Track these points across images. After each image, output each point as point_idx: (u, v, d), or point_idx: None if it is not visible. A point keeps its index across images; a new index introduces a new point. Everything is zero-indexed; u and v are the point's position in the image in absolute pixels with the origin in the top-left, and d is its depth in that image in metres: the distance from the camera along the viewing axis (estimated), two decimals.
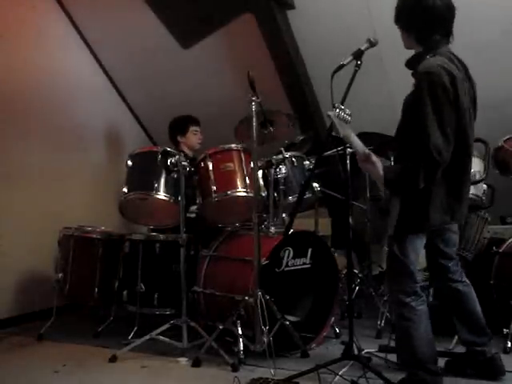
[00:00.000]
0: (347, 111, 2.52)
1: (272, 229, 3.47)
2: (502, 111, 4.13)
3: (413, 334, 2.51)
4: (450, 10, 2.49)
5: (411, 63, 2.57)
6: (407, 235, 2.50)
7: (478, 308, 2.78)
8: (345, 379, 2.71)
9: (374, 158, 2.43)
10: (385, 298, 3.81)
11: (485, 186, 3.45)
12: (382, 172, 2.42)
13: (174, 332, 3.29)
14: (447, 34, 2.53)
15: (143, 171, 3.50)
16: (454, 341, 3.10)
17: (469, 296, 2.77)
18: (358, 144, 2.47)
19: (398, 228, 2.50)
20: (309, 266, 3.46)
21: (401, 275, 2.54)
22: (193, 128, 4.35)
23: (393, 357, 2.88)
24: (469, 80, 2.56)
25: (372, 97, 4.17)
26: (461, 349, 2.94)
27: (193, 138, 4.35)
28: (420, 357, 2.51)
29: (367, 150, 2.45)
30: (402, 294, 2.53)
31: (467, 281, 2.80)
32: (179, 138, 4.34)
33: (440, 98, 2.34)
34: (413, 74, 2.53)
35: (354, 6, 3.96)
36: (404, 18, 2.53)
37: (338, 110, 2.50)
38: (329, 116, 2.49)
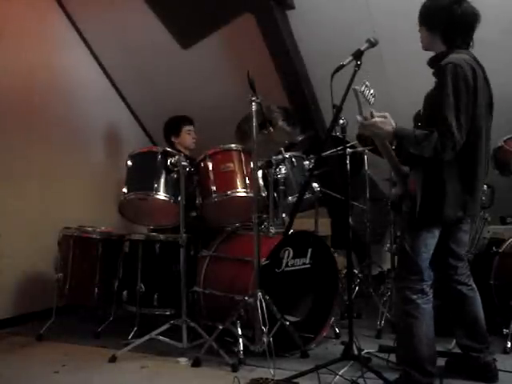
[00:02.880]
0: (372, 91, 2.50)
1: (272, 229, 3.47)
2: (502, 111, 4.12)
3: (415, 332, 2.52)
4: (476, 17, 2.57)
5: (434, 61, 2.60)
6: (421, 231, 2.51)
7: (481, 315, 2.76)
8: (345, 379, 2.71)
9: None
10: (385, 298, 3.82)
11: (485, 185, 3.44)
12: (393, 125, 2.44)
13: (174, 332, 3.29)
14: (470, 38, 2.61)
15: (143, 171, 3.50)
16: (454, 341, 3.10)
17: (473, 301, 2.75)
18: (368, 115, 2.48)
19: (412, 222, 2.52)
20: (309, 266, 3.46)
21: (410, 272, 2.55)
22: (186, 128, 4.34)
23: (392, 357, 2.89)
24: (485, 80, 2.60)
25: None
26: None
27: (187, 137, 4.34)
28: (418, 356, 2.52)
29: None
30: (408, 291, 2.54)
31: (473, 285, 2.78)
32: (173, 139, 4.33)
33: (461, 87, 2.41)
34: (433, 73, 2.56)
35: (354, 6, 3.96)
36: (431, 18, 2.58)
37: (364, 87, 2.46)
38: (354, 90, 2.45)
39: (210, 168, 3.45)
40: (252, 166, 3.27)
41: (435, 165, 2.46)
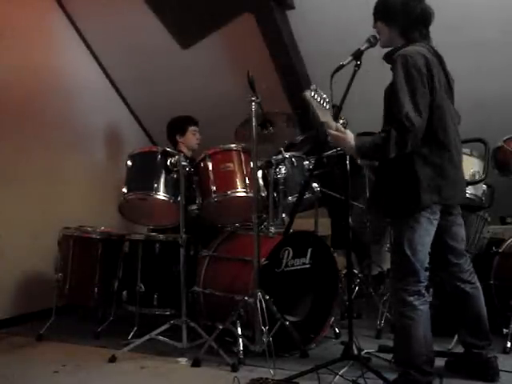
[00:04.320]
0: (324, 95, 2.52)
1: (272, 229, 3.47)
2: (502, 111, 4.13)
3: (412, 333, 2.52)
4: (432, 14, 2.64)
5: (390, 56, 2.64)
6: (417, 224, 2.51)
7: (484, 313, 2.75)
8: (345, 379, 2.71)
9: (344, 130, 2.54)
10: (385, 298, 3.81)
11: (485, 186, 3.45)
12: (353, 142, 2.49)
13: (174, 332, 3.29)
14: (427, 31, 2.65)
15: (143, 171, 3.50)
16: (454, 341, 3.10)
17: (476, 300, 2.74)
18: (330, 119, 2.53)
19: (389, 212, 2.61)
20: (308, 266, 3.46)
21: (406, 273, 2.54)
22: (192, 128, 4.36)
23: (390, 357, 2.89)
24: (443, 70, 2.63)
25: (372, 97, 4.16)
26: (460, 349, 2.93)
27: (192, 138, 4.36)
28: (416, 357, 2.52)
29: (338, 124, 2.55)
30: (404, 293, 2.54)
31: (477, 284, 2.76)
32: (178, 138, 4.34)
33: (413, 74, 2.45)
34: (391, 69, 2.59)
35: (354, 6, 3.95)
36: (390, 14, 2.63)
37: (312, 92, 2.49)
38: (303, 95, 2.50)
39: (210, 168, 3.45)
40: (252, 165, 3.27)
41: (405, 155, 2.47)
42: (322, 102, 2.50)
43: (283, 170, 3.59)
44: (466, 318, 2.78)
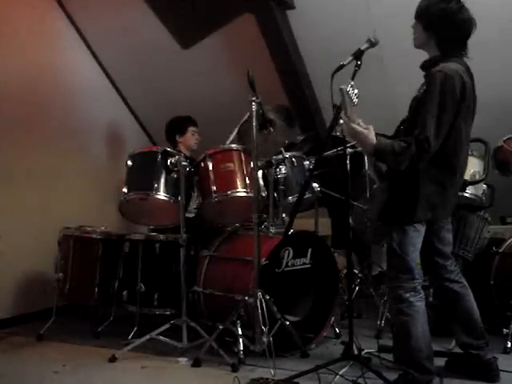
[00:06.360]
0: (356, 91, 2.53)
1: (272, 229, 3.47)
2: (502, 111, 4.13)
3: (410, 330, 2.54)
4: (473, 25, 2.57)
5: (426, 66, 2.62)
6: (406, 229, 2.56)
7: (476, 311, 2.78)
8: (345, 379, 2.71)
9: (367, 126, 2.53)
10: (385, 298, 3.81)
11: (485, 186, 3.45)
12: (374, 141, 2.48)
13: (174, 332, 3.29)
14: (465, 46, 2.61)
15: (143, 171, 3.50)
16: (454, 341, 3.10)
17: (465, 298, 2.78)
18: (355, 116, 2.54)
19: (382, 217, 2.66)
20: (309, 266, 3.46)
21: (400, 271, 2.58)
22: (191, 128, 4.37)
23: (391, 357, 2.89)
24: (473, 87, 2.62)
25: (372, 96, 4.17)
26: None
27: (191, 138, 4.37)
28: (416, 353, 2.54)
29: (360, 120, 2.55)
30: (401, 290, 2.57)
31: (465, 282, 2.80)
32: (177, 138, 4.35)
33: (447, 99, 2.45)
34: (425, 76, 2.59)
35: (354, 6, 3.96)
36: (430, 19, 2.57)
37: (350, 87, 2.50)
38: (341, 90, 2.49)
39: (210, 168, 3.45)
40: (252, 165, 3.27)
41: (412, 168, 2.50)
42: (353, 98, 2.52)
43: (283, 170, 3.59)
44: (458, 317, 2.80)
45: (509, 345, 3.13)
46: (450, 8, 2.52)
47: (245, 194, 3.41)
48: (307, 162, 3.73)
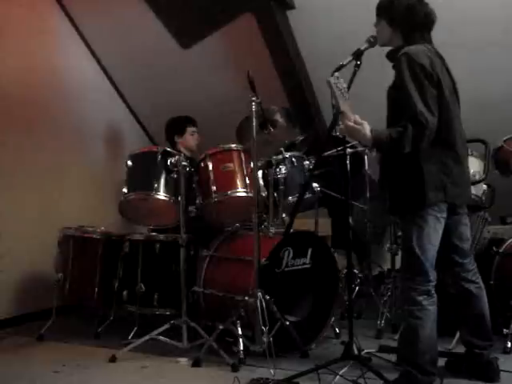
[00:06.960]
0: (344, 84, 2.51)
1: (272, 229, 3.47)
2: (502, 111, 4.13)
3: (419, 333, 2.52)
4: (435, 18, 2.64)
5: (392, 55, 2.64)
6: (425, 223, 2.51)
7: (487, 312, 2.76)
8: (345, 379, 2.71)
9: (361, 121, 2.51)
10: (385, 298, 3.82)
11: (485, 186, 3.44)
12: (370, 134, 2.46)
13: (174, 332, 3.29)
14: (429, 34, 2.65)
15: (143, 171, 3.50)
16: (455, 341, 3.11)
17: (480, 299, 2.75)
18: (348, 110, 2.50)
19: (395, 209, 2.62)
20: (309, 266, 3.46)
21: (415, 273, 2.54)
22: (190, 129, 4.36)
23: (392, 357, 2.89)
24: (446, 69, 2.63)
25: (372, 96, 4.16)
26: (460, 349, 2.93)
27: (190, 138, 4.36)
28: (420, 356, 2.52)
29: (356, 115, 2.52)
30: (414, 292, 2.53)
31: (481, 283, 2.77)
32: (176, 139, 4.35)
33: (419, 73, 2.45)
34: (393, 67, 2.60)
35: (355, 6, 3.96)
36: (394, 14, 2.62)
37: (335, 79, 2.47)
38: (328, 82, 2.48)
39: (210, 168, 3.45)
40: (252, 165, 3.27)
41: (411, 152, 2.47)
42: (342, 90, 2.49)
43: (283, 170, 3.59)
44: (469, 317, 2.78)
45: (509, 345, 3.13)
46: (413, 2, 2.60)
47: (245, 194, 3.41)
48: (307, 162, 3.73)
